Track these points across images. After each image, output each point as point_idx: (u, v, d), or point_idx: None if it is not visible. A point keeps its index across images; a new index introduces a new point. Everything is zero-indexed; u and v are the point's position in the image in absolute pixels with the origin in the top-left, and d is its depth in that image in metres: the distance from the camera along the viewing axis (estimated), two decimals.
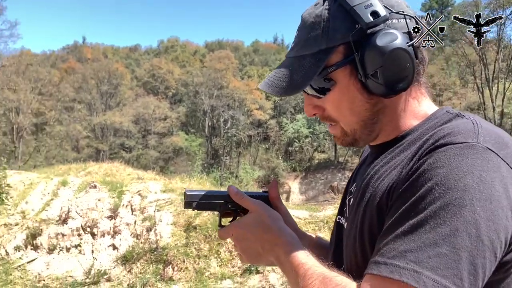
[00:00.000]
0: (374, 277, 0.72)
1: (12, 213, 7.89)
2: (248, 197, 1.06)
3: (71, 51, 68.72)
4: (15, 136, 37.44)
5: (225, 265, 6.41)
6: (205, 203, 1.09)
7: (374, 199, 0.87)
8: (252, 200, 1.05)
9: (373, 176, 0.92)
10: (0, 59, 30.42)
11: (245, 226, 1.01)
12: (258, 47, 74.67)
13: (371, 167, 0.96)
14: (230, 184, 1.14)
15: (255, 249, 1.00)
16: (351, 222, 0.96)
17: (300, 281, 0.84)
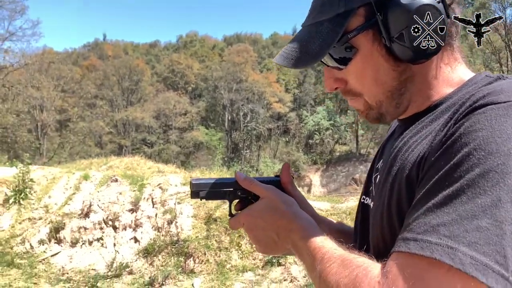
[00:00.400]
0: (402, 254, 0.63)
1: (36, 207, 7.99)
2: (258, 182, 0.99)
3: (92, 49, 69.71)
4: (40, 133, 38.23)
5: (246, 258, 6.36)
6: (213, 191, 1.02)
7: (402, 172, 0.77)
8: (262, 185, 0.97)
9: (402, 148, 0.82)
10: (23, 57, 30.99)
11: (257, 213, 0.94)
12: (277, 40, 74.28)
13: (400, 139, 0.86)
14: (237, 170, 1.06)
15: (270, 237, 0.93)
16: (378, 199, 0.86)
17: (317, 265, 0.76)
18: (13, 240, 7.35)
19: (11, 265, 6.65)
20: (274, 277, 5.83)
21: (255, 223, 0.95)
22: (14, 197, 8.05)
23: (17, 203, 8.03)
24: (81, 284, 6.17)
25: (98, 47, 69.29)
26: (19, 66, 31.36)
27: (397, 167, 0.80)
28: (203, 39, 75.30)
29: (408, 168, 0.75)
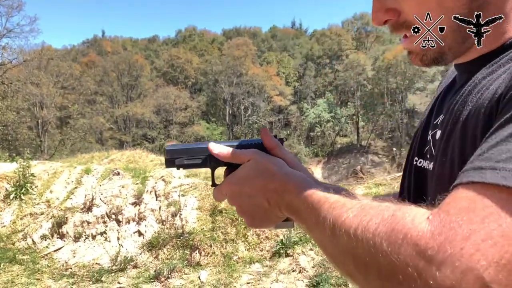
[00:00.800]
0: (472, 186, 0.49)
1: (37, 202, 7.85)
2: (237, 150, 0.87)
3: (91, 45, 69.44)
4: (40, 130, 38.10)
5: (253, 249, 6.22)
6: (191, 158, 0.89)
7: (478, 112, 0.62)
8: (243, 151, 0.87)
9: (472, 91, 0.68)
10: (21, 54, 30.77)
11: (242, 180, 0.83)
12: (276, 33, 74.01)
13: (467, 85, 0.71)
14: (210, 142, 0.90)
15: (259, 205, 0.81)
16: (442, 157, 0.71)
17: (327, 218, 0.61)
18: (14, 236, 7.22)
19: (13, 261, 6.52)
20: (282, 268, 5.68)
21: (240, 191, 0.83)
22: (15, 193, 7.91)
23: (18, 199, 7.90)
24: (85, 279, 6.03)
25: (97, 43, 69.04)
26: (17, 63, 31.15)
27: (467, 110, 0.65)
28: (202, 33, 75.01)
29: (485, 106, 0.61)
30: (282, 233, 6.31)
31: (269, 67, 58.93)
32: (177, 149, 0.90)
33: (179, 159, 0.90)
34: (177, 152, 0.90)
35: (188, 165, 0.91)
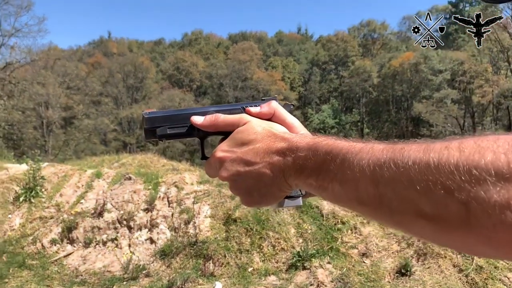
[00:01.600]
0: None
1: (47, 206, 7.72)
2: (226, 115, 0.76)
3: (97, 46, 69.45)
4: (45, 130, 38.05)
5: (269, 260, 6.08)
6: (175, 127, 0.76)
7: None
8: (234, 115, 0.76)
9: None
10: (29, 54, 30.80)
11: (236, 145, 0.71)
12: (281, 38, 73.94)
13: None
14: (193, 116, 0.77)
15: (258, 175, 0.67)
16: None
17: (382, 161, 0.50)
18: (24, 240, 7.09)
19: (22, 266, 6.39)
20: (299, 282, 5.53)
21: (234, 159, 0.70)
22: (24, 195, 7.79)
23: (27, 201, 7.78)
24: (97, 286, 5.90)
25: (103, 44, 69.04)
26: (25, 63, 31.16)
27: None
28: (208, 37, 74.99)
29: None
30: (298, 244, 6.17)
31: (274, 72, 58.85)
32: (158, 117, 0.77)
33: (160, 127, 0.77)
34: (158, 120, 0.77)
35: (172, 135, 0.78)
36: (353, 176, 0.53)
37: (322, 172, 0.58)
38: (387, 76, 50.04)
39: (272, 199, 0.69)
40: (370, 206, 0.52)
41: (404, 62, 48.16)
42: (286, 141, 0.66)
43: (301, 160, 0.61)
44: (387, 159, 0.49)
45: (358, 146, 0.56)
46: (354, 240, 6.19)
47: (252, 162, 0.67)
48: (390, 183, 0.48)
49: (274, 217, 6.54)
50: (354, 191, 0.53)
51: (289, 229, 6.44)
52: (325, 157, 0.58)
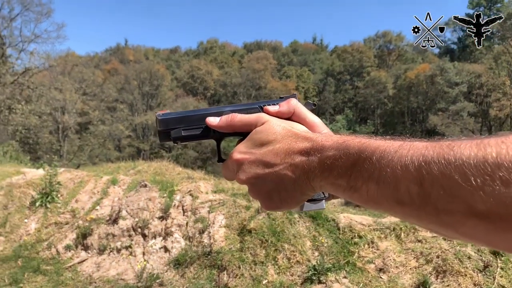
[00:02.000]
0: None
1: (62, 211, 7.76)
2: (242, 115, 0.72)
3: (114, 53, 70.38)
4: (61, 134, 38.50)
5: (283, 273, 5.98)
6: (190, 128, 0.73)
7: None
8: (251, 115, 0.72)
9: None
10: (48, 59, 31.30)
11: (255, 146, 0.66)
12: (296, 47, 74.13)
13: None
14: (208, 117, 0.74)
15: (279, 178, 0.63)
16: None
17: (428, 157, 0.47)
18: (39, 245, 7.13)
19: (37, 271, 6.41)
20: None
21: (253, 161, 0.66)
22: (40, 200, 7.84)
23: (43, 206, 7.82)
24: None
25: (120, 51, 69.96)
26: (43, 68, 31.65)
27: None
28: (223, 45, 75.57)
29: None
30: (314, 258, 6.07)
31: (288, 81, 58.95)
32: (172, 118, 0.74)
33: (175, 130, 0.74)
34: (172, 122, 0.73)
35: (187, 137, 0.74)
36: (393, 174, 0.49)
37: (355, 171, 0.54)
38: (403, 88, 49.75)
39: (293, 202, 0.65)
40: (411, 207, 0.48)
41: (420, 73, 47.85)
42: (309, 140, 0.62)
43: (329, 160, 0.57)
44: (435, 155, 0.46)
45: (396, 143, 0.52)
46: (371, 255, 6.08)
47: (272, 163, 0.63)
48: (438, 180, 0.45)
49: (289, 229, 6.46)
50: (393, 191, 0.49)
51: (304, 242, 6.35)
52: (358, 156, 0.54)
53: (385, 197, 0.51)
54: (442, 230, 0.48)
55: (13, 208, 7.91)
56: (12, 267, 6.54)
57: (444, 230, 0.48)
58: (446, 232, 0.48)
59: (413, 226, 6.31)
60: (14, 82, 28.30)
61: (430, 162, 0.46)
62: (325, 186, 0.59)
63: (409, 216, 0.50)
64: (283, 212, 6.78)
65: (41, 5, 31.59)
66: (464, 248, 5.70)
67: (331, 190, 0.59)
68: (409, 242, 6.15)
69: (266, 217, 6.69)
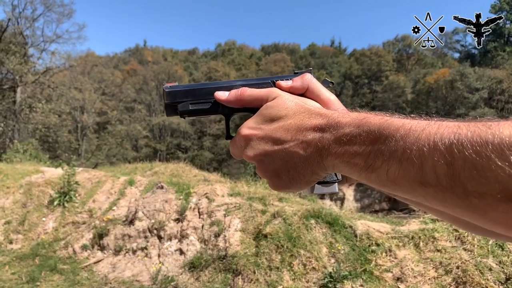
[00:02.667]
0: None
1: (80, 211, 7.82)
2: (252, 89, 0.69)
3: (133, 54, 71.19)
4: (79, 134, 39.05)
5: (299, 279, 5.92)
6: (197, 102, 0.69)
7: None
8: (262, 89, 0.68)
9: None
10: (68, 60, 31.80)
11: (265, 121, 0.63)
12: (314, 50, 73.90)
13: None
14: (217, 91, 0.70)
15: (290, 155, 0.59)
16: None
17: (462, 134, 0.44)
18: (56, 243, 7.19)
19: (54, 270, 6.46)
20: None
21: (262, 137, 0.62)
22: (58, 199, 7.92)
23: (61, 206, 7.90)
24: None
25: (139, 52, 70.73)
26: (63, 68, 32.16)
27: None
28: (241, 47, 75.78)
29: None
30: (330, 265, 5.99)
31: None
32: (179, 91, 0.70)
33: (182, 103, 0.70)
34: (180, 94, 0.70)
35: (194, 111, 0.71)
36: (419, 153, 0.46)
37: (374, 150, 0.50)
38: (422, 93, 49.15)
39: (303, 182, 0.61)
40: (436, 188, 0.45)
41: (439, 78, 47.21)
42: (324, 116, 0.58)
43: (346, 137, 0.53)
44: (469, 134, 0.43)
45: (422, 121, 0.49)
46: (388, 263, 5.97)
47: (282, 140, 0.60)
48: (472, 160, 0.41)
49: (305, 235, 6.39)
50: (417, 171, 0.46)
51: (321, 248, 6.27)
52: (380, 133, 0.50)
53: (407, 177, 0.47)
54: (469, 214, 0.44)
55: (31, 207, 8.01)
56: (30, 265, 6.61)
57: (471, 214, 0.44)
58: (473, 216, 0.44)
59: (432, 235, 6.19)
60: (35, 81, 28.80)
61: (463, 140, 0.43)
62: (339, 166, 0.55)
63: (432, 198, 0.46)
64: (299, 218, 6.71)
65: (63, 6, 32.14)
66: (485, 260, 5.55)
67: (346, 170, 0.55)
68: (428, 251, 6.02)
69: (282, 222, 6.64)
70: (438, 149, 0.44)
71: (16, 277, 6.21)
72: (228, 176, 18.73)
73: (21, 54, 27.89)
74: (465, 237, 5.88)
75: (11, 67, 26.10)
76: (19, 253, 7.02)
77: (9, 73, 27.84)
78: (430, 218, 6.44)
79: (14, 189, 8.48)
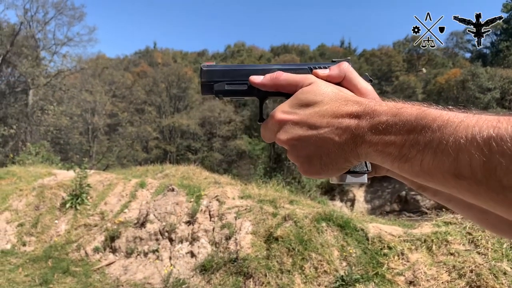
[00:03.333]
0: None
1: (92, 213, 7.88)
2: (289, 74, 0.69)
3: (143, 56, 71.58)
4: (90, 135, 39.36)
5: (310, 283, 5.89)
6: (234, 83, 0.69)
7: None
8: (299, 75, 0.68)
9: None
10: (80, 62, 32.08)
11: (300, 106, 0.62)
12: (324, 51, 73.65)
13: None
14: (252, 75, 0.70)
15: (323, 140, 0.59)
16: None
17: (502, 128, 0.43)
18: (68, 246, 7.25)
19: (66, 272, 6.51)
20: None
21: (297, 121, 0.62)
22: (70, 202, 7.99)
23: (73, 208, 7.96)
24: None
25: (149, 54, 71.10)
26: (75, 71, 32.45)
27: None
28: (250, 49, 75.82)
29: None
30: (342, 268, 5.96)
31: None
32: (216, 70, 0.71)
33: (218, 83, 0.71)
34: (217, 74, 0.71)
35: (230, 91, 0.71)
36: (455, 145, 0.46)
37: (410, 139, 0.50)
38: (433, 93, 48.74)
39: (334, 169, 0.61)
40: (470, 180, 0.45)
41: (450, 78, 46.80)
42: (360, 104, 0.57)
43: (382, 125, 0.53)
44: (510, 128, 0.42)
45: (460, 114, 0.49)
46: (401, 267, 5.92)
47: (317, 125, 0.60)
48: (510, 155, 0.41)
49: (317, 238, 6.36)
50: (452, 163, 0.46)
51: (332, 251, 6.24)
52: (417, 123, 0.50)
53: (440, 169, 0.47)
54: (503, 208, 0.44)
55: (44, 209, 8.09)
56: (43, 267, 6.67)
57: (506, 209, 0.43)
58: (508, 211, 0.44)
59: (445, 238, 6.13)
60: (47, 84, 29.12)
61: (503, 135, 0.42)
62: (372, 154, 0.55)
63: (466, 191, 0.46)
64: (310, 220, 6.69)
65: (74, 9, 32.47)
66: (499, 263, 5.48)
67: (379, 159, 0.55)
68: (440, 254, 5.95)
69: (293, 225, 6.62)
70: (475, 142, 0.44)
71: (29, 279, 6.27)
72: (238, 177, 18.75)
73: (33, 57, 28.21)
74: (478, 241, 5.81)
75: (24, 70, 26.42)
76: (32, 255, 7.09)
77: (22, 76, 28.19)
78: (443, 221, 6.38)
79: (27, 191, 8.57)
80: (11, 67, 28.11)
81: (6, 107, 27.95)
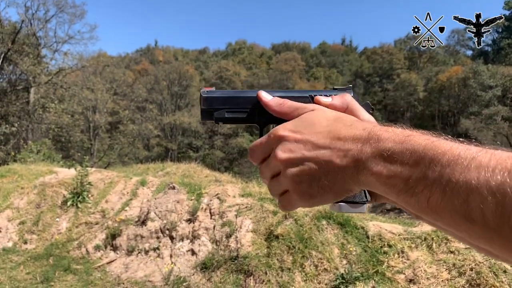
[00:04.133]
0: None
1: (93, 211, 7.90)
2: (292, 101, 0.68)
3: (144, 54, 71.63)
4: (92, 133, 39.39)
5: (311, 281, 5.91)
6: (234, 110, 0.70)
7: None
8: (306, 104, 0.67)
9: None
10: (80, 60, 32.09)
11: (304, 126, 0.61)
12: (325, 49, 73.61)
13: None
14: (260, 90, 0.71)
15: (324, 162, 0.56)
16: None
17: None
18: (69, 244, 7.27)
19: (67, 270, 6.54)
20: None
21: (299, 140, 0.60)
22: (72, 200, 8.01)
23: (74, 206, 7.98)
24: None
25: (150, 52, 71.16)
26: (76, 68, 32.46)
27: None
28: (252, 46, 75.77)
29: None
30: (342, 266, 5.97)
31: (316, 83, 58.58)
32: (217, 97, 0.71)
33: (218, 111, 0.71)
34: (217, 101, 0.71)
35: (230, 119, 0.71)
36: (466, 185, 0.42)
37: (416, 172, 0.47)
38: (434, 91, 48.69)
39: (331, 194, 0.57)
40: (481, 225, 0.41)
41: (452, 76, 46.72)
42: (365, 128, 0.55)
43: (386, 152, 0.50)
44: None
45: (473, 148, 0.45)
46: (401, 265, 5.92)
47: (320, 145, 0.57)
48: None
49: (317, 236, 6.38)
50: (462, 204, 0.42)
51: (332, 249, 6.25)
52: (424, 153, 0.46)
53: (449, 210, 0.44)
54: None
55: (45, 207, 8.11)
56: (44, 265, 6.70)
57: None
58: None
59: (445, 236, 6.13)
60: (48, 82, 29.12)
61: None
62: (374, 184, 0.52)
63: (478, 236, 0.43)
64: (311, 218, 6.70)
65: (75, 7, 32.45)
66: (499, 262, 5.48)
67: (382, 189, 0.52)
68: (441, 253, 5.96)
69: (293, 223, 6.63)
70: (488, 184, 0.40)
71: (30, 277, 6.30)
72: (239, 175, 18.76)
73: (34, 55, 28.21)
74: None
75: (25, 68, 26.42)
76: (33, 253, 7.12)
77: (23, 74, 28.19)
78: None
79: (28, 189, 8.60)
80: (12, 65, 28.11)
81: (8, 105, 27.97)
